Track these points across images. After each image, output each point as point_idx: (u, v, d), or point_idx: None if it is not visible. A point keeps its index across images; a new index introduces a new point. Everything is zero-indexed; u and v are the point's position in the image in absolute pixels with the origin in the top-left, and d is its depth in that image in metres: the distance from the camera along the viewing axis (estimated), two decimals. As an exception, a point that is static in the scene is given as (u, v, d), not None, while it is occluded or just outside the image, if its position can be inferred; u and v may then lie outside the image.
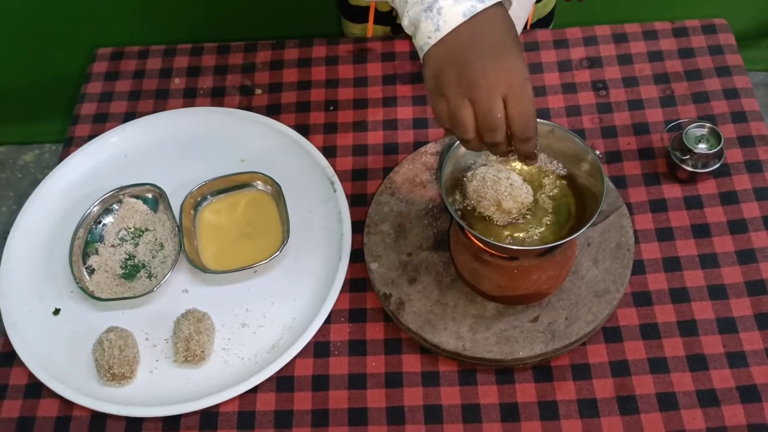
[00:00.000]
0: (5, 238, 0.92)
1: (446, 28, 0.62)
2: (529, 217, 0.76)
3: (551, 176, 0.79)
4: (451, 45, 0.62)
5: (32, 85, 1.72)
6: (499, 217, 0.76)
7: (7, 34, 1.59)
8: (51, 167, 0.96)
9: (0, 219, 1.80)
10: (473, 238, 0.75)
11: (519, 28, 0.98)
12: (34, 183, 0.97)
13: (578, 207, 0.77)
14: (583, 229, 0.70)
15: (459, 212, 0.77)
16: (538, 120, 0.77)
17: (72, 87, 1.33)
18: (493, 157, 0.78)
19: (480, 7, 0.62)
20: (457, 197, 0.78)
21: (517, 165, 0.79)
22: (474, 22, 0.62)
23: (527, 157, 0.67)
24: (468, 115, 0.63)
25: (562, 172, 0.79)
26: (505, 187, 0.74)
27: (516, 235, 0.76)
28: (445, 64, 0.63)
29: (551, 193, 0.78)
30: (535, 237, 0.75)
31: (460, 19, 0.61)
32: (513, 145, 0.66)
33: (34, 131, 1.86)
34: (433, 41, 0.63)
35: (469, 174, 0.76)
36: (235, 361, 0.83)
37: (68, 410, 0.81)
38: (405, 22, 0.66)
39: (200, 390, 0.81)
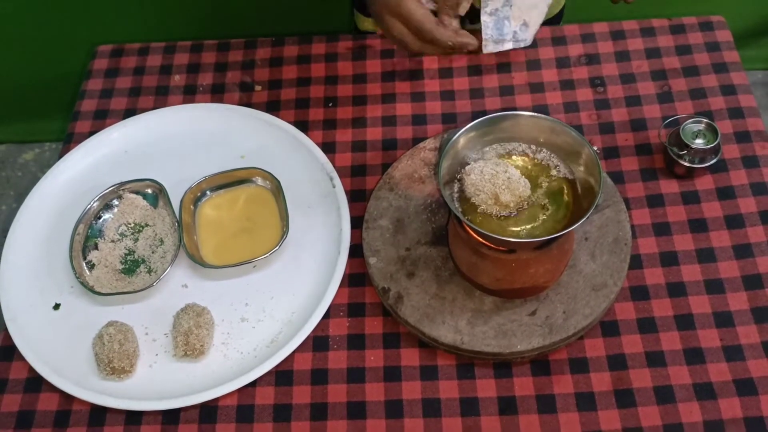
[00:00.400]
0: (5, 236, 0.93)
1: None
2: (526, 210, 0.77)
3: (549, 171, 0.79)
4: None
5: (32, 84, 1.73)
6: (496, 211, 0.76)
7: (6, 32, 1.59)
8: (51, 166, 0.97)
9: (0, 217, 1.81)
10: (471, 231, 0.76)
11: (534, 23, 0.99)
12: (34, 181, 0.97)
13: (576, 201, 0.77)
14: (580, 222, 0.71)
15: (457, 206, 0.77)
16: (537, 114, 0.78)
17: (72, 85, 1.34)
18: (492, 153, 0.79)
19: None
20: (455, 190, 0.78)
21: (519, 161, 0.79)
22: None
23: (453, 49, 0.78)
24: (399, 28, 0.78)
25: (560, 167, 0.79)
26: (502, 180, 0.74)
27: (513, 228, 0.76)
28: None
29: (549, 188, 0.78)
30: (533, 231, 0.76)
31: None
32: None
33: (34, 130, 1.87)
34: None
35: (467, 168, 0.77)
36: (234, 355, 0.83)
37: (68, 404, 0.81)
38: None
39: (199, 384, 0.81)
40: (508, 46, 0.99)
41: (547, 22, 1.12)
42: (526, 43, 1.00)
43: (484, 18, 0.96)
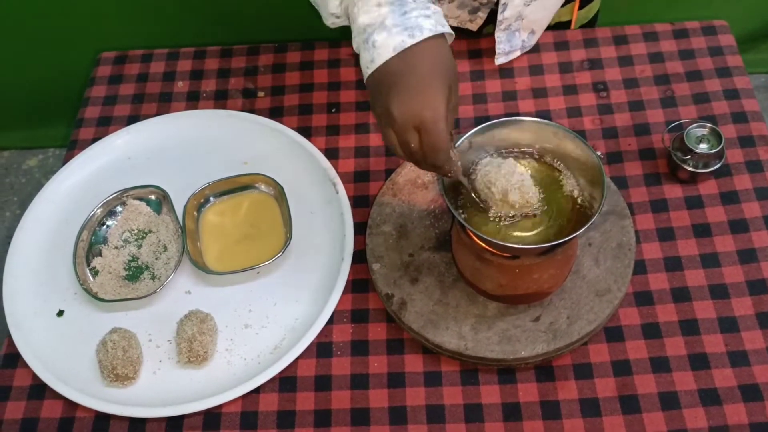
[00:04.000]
0: (9, 243, 0.93)
1: (379, 60, 0.67)
2: (529, 217, 0.77)
3: (552, 176, 0.79)
4: (381, 76, 0.68)
5: (36, 90, 1.73)
6: (499, 210, 0.76)
7: (10, 39, 1.60)
8: (55, 172, 0.97)
9: (4, 224, 1.81)
10: (475, 237, 0.76)
11: (540, 30, 1.00)
12: (38, 188, 0.97)
13: (579, 207, 0.77)
14: (584, 229, 0.71)
15: (461, 212, 0.77)
16: (540, 120, 0.78)
17: (76, 92, 1.34)
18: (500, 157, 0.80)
19: (409, 42, 0.66)
20: (464, 184, 0.78)
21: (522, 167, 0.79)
22: (404, 56, 0.66)
23: (445, 176, 0.72)
24: (392, 139, 0.69)
25: (563, 172, 0.79)
26: (517, 179, 0.74)
27: (517, 234, 0.76)
28: (376, 94, 0.69)
29: (552, 193, 0.78)
30: (536, 236, 0.76)
31: (390, 53, 0.66)
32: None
33: (38, 136, 1.87)
34: (369, 71, 0.69)
35: (483, 161, 0.77)
36: (237, 361, 0.83)
37: (72, 411, 0.81)
38: (354, 47, 0.72)
39: (203, 390, 0.81)
40: (517, 54, 1.01)
41: (582, 26, 1.12)
42: (530, 47, 1.02)
43: (498, 34, 0.98)
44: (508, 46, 1.00)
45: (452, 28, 0.72)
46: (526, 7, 0.95)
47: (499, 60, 1.01)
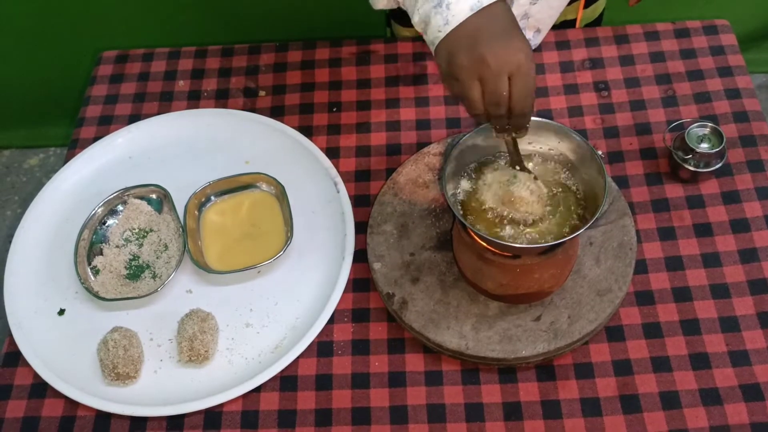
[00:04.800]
0: (11, 242, 0.93)
1: (455, 21, 0.67)
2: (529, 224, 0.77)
3: (553, 175, 0.79)
4: (461, 34, 0.68)
5: (37, 89, 1.73)
6: (501, 213, 0.76)
7: (11, 38, 1.60)
8: (56, 171, 0.97)
9: (5, 223, 1.81)
10: (476, 237, 0.76)
11: (546, 29, 1.00)
12: (39, 187, 0.97)
13: (580, 206, 0.77)
14: (585, 228, 0.71)
15: (461, 211, 0.77)
16: (541, 119, 0.78)
17: (77, 91, 1.34)
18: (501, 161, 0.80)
19: (486, 2, 0.67)
20: (459, 192, 0.78)
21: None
22: (480, 14, 0.67)
23: (519, 130, 0.73)
24: (477, 94, 0.68)
25: (565, 171, 0.79)
26: (525, 191, 0.75)
27: (521, 230, 0.76)
28: (456, 49, 0.68)
29: (554, 193, 0.78)
30: (537, 236, 0.76)
31: (468, 13, 0.67)
32: (510, 118, 0.70)
33: (39, 135, 1.87)
34: (443, 34, 0.69)
35: (493, 170, 0.78)
36: (238, 360, 0.83)
37: (73, 410, 0.81)
38: (415, 20, 0.72)
39: (204, 389, 0.81)
40: None
41: (587, 26, 1.12)
42: (535, 46, 1.02)
43: None
44: None
45: None
46: (532, 6, 0.95)
47: None
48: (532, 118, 0.78)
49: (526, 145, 0.79)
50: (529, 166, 0.79)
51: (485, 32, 0.67)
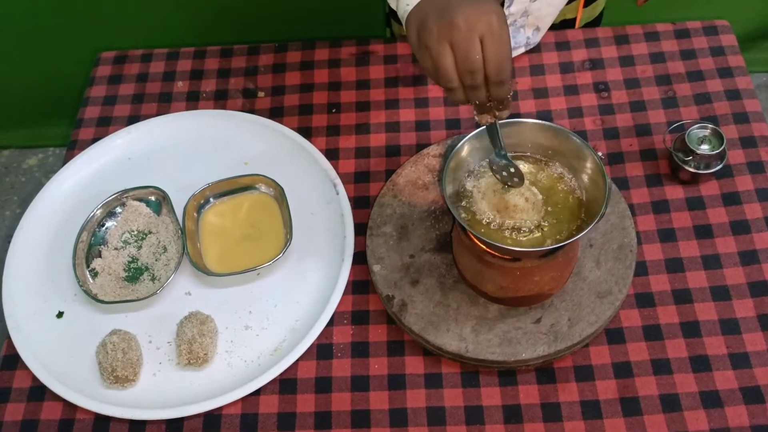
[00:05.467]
0: (9, 242, 0.93)
1: None
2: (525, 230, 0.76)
3: (553, 177, 0.79)
4: (427, 4, 0.66)
5: (36, 89, 1.73)
6: (496, 221, 0.76)
7: (10, 38, 1.60)
8: (55, 171, 0.97)
9: (4, 223, 1.81)
10: (476, 240, 0.75)
11: (545, 27, 0.99)
12: (38, 187, 0.97)
13: (580, 209, 0.77)
14: (586, 231, 0.70)
15: (461, 214, 0.77)
16: (541, 122, 0.77)
17: (76, 91, 1.34)
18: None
19: None
20: (461, 201, 0.78)
21: (523, 168, 0.79)
22: None
23: (501, 102, 0.68)
24: (449, 61, 0.65)
25: (564, 174, 0.79)
26: (519, 199, 0.75)
27: (518, 236, 0.76)
28: (425, 17, 0.66)
29: (553, 194, 0.78)
30: (537, 238, 0.75)
31: None
32: (488, 90, 0.67)
33: (38, 135, 1.87)
34: (411, 6, 0.67)
35: (488, 177, 0.77)
36: (238, 363, 0.83)
37: (71, 413, 0.81)
38: (393, 5, 0.70)
39: (203, 392, 0.81)
40: (521, 51, 1.01)
41: (587, 26, 1.11)
42: (535, 45, 1.01)
43: None
44: (513, 43, 0.99)
45: None
46: (533, 3, 0.94)
47: None
48: (532, 121, 0.78)
49: (525, 147, 0.79)
50: (528, 168, 0.79)
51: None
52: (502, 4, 0.95)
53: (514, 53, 1.00)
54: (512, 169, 0.75)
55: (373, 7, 0.81)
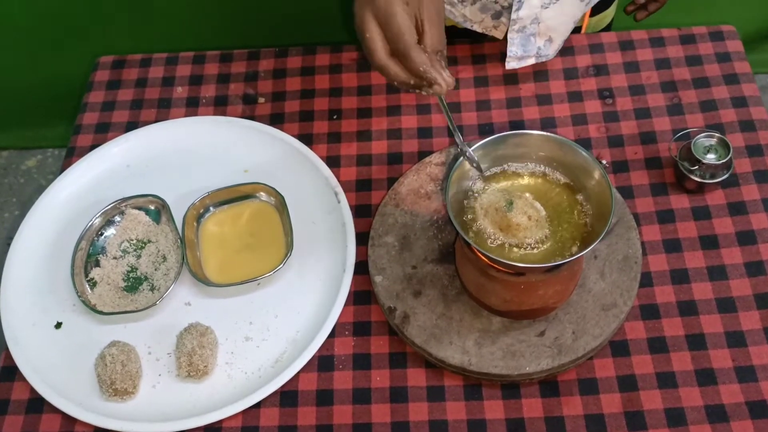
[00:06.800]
0: (9, 245, 0.92)
1: None
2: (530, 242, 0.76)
3: (558, 190, 0.78)
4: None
5: (35, 91, 1.72)
6: (500, 238, 0.75)
7: (9, 40, 1.58)
8: (54, 172, 0.96)
9: (4, 225, 1.80)
10: (480, 255, 0.74)
11: (559, 38, 0.98)
12: (37, 188, 0.96)
13: (586, 221, 0.76)
14: (591, 247, 0.70)
15: (466, 220, 0.76)
16: (545, 133, 0.76)
17: (75, 92, 1.32)
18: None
19: None
20: (466, 214, 0.77)
21: (528, 180, 0.78)
22: None
23: (419, 77, 0.67)
24: (376, 33, 0.66)
25: (569, 186, 0.78)
26: (522, 218, 0.74)
27: (522, 251, 0.75)
28: (356, 2, 0.68)
29: (558, 207, 0.77)
30: (542, 252, 0.74)
31: None
32: (403, 65, 0.67)
33: (36, 136, 1.86)
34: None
35: (485, 193, 0.76)
36: (238, 375, 0.82)
37: (70, 426, 0.80)
38: None
39: (203, 405, 0.80)
40: (531, 61, 0.99)
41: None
42: (548, 58, 0.99)
43: (511, 35, 0.95)
44: (522, 51, 0.97)
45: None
46: (544, 10, 0.92)
47: (510, 65, 0.98)
48: (537, 132, 0.77)
49: (530, 159, 0.78)
50: (533, 180, 0.78)
51: None
52: (510, 7, 0.94)
53: (523, 63, 0.99)
54: (475, 162, 0.74)
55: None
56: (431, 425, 0.78)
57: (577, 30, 1.06)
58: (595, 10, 1.05)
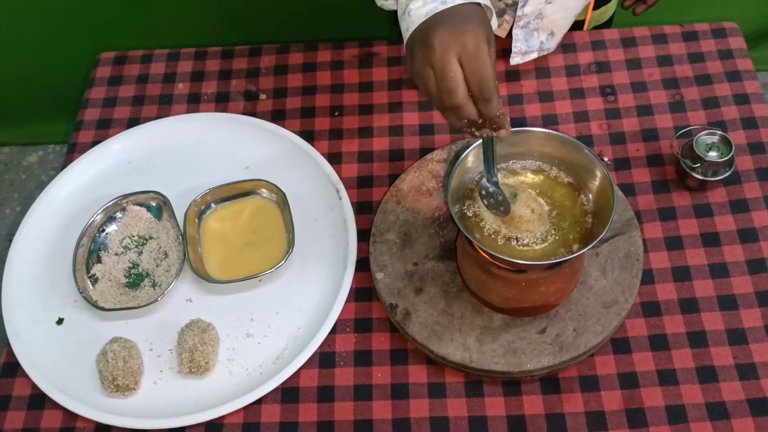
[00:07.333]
0: (10, 241, 0.92)
1: (413, 26, 0.69)
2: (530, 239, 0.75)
3: (560, 187, 0.78)
4: (417, 33, 0.69)
5: (36, 87, 1.71)
6: (502, 232, 0.75)
7: (11, 36, 1.58)
8: (55, 168, 0.96)
9: (5, 221, 1.80)
10: (481, 251, 0.74)
11: (560, 32, 0.98)
12: (39, 184, 0.96)
13: (587, 219, 0.76)
14: (592, 245, 0.69)
15: (469, 217, 0.76)
16: (547, 130, 0.76)
17: (76, 88, 1.32)
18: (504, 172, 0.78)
19: (441, 8, 0.68)
20: (465, 206, 0.77)
21: (530, 177, 0.78)
22: (437, 15, 0.68)
23: (492, 122, 0.68)
24: (432, 83, 0.67)
25: (571, 183, 0.78)
26: (525, 211, 0.74)
27: (524, 248, 0.75)
28: (413, 45, 0.69)
29: (560, 204, 0.77)
30: (544, 249, 0.74)
31: (423, 18, 0.68)
32: (478, 109, 0.67)
33: (38, 132, 1.85)
34: (405, 40, 0.71)
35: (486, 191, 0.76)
36: (239, 371, 0.82)
37: (72, 422, 0.81)
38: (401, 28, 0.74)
39: (205, 401, 0.80)
40: (534, 56, 0.99)
41: (594, 29, 1.10)
42: (549, 51, 0.99)
43: (516, 31, 0.95)
44: (525, 46, 0.97)
45: None
46: (548, 5, 0.93)
47: (515, 60, 0.98)
48: (539, 129, 0.77)
49: (532, 156, 0.78)
50: (534, 177, 0.78)
51: (437, 23, 0.67)
52: (515, 6, 0.94)
53: (527, 57, 0.99)
54: (500, 197, 0.74)
55: (377, 7, 0.79)
56: (432, 422, 0.78)
57: (579, 24, 1.06)
58: (598, 3, 1.04)
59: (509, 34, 0.98)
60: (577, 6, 0.96)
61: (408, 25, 0.70)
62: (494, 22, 0.71)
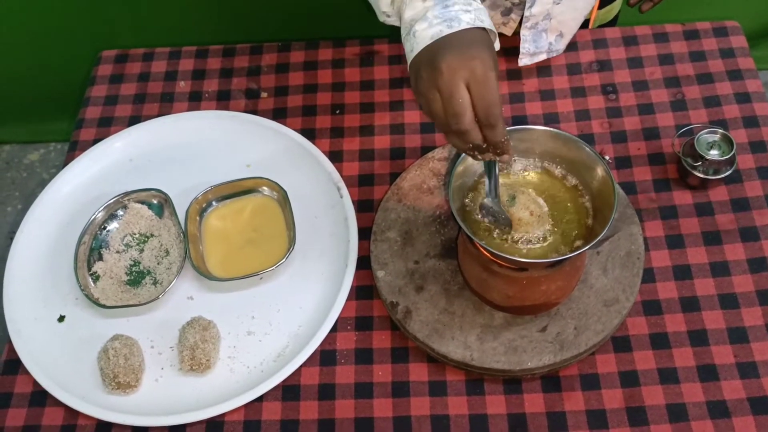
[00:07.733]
0: (12, 239, 0.92)
1: (417, 48, 0.69)
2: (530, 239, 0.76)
3: (561, 185, 0.78)
4: (422, 57, 0.69)
5: (38, 85, 1.71)
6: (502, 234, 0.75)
7: (12, 34, 1.58)
8: (57, 166, 0.96)
9: (6, 219, 1.80)
10: (483, 250, 0.74)
11: (569, 33, 0.97)
12: (40, 182, 0.96)
13: (588, 217, 0.76)
14: (593, 243, 0.69)
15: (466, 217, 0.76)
16: (549, 129, 0.76)
17: (78, 86, 1.32)
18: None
19: (447, 31, 0.67)
20: (466, 203, 0.77)
21: (531, 175, 0.78)
22: (442, 40, 0.68)
23: (496, 147, 0.68)
24: (438, 107, 0.67)
25: (573, 181, 0.78)
26: (524, 213, 0.74)
27: (525, 246, 0.75)
28: (419, 65, 0.69)
29: (560, 202, 0.77)
30: (545, 247, 0.74)
31: (428, 41, 0.68)
32: (483, 134, 0.67)
33: (39, 130, 1.85)
34: (409, 61, 0.71)
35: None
36: (240, 369, 0.82)
37: (73, 419, 0.81)
38: (403, 45, 0.74)
39: (206, 399, 0.80)
40: (542, 57, 0.98)
41: (601, 26, 1.10)
42: (558, 53, 0.99)
43: (524, 32, 0.95)
44: (534, 47, 0.97)
45: None
46: (556, 6, 0.92)
47: (523, 61, 0.98)
48: (540, 128, 0.77)
49: (533, 154, 0.78)
50: (535, 175, 0.78)
51: (444, 47, 0.67)
52: (522, 5, 0.93)
53: (535, 59, 0.98)
54: (502, 216, 0.75)
55: (378, 5, 0.80)
56: (433, 420, 0.78)
57: (584, 23, 1.05)
58: (603, 2, 1.04)
59: (515, 33, 0.98)
60: (585, 7, 0.96)
61: (413, 46, 0.69)
62: (497, 45, 0.72)
